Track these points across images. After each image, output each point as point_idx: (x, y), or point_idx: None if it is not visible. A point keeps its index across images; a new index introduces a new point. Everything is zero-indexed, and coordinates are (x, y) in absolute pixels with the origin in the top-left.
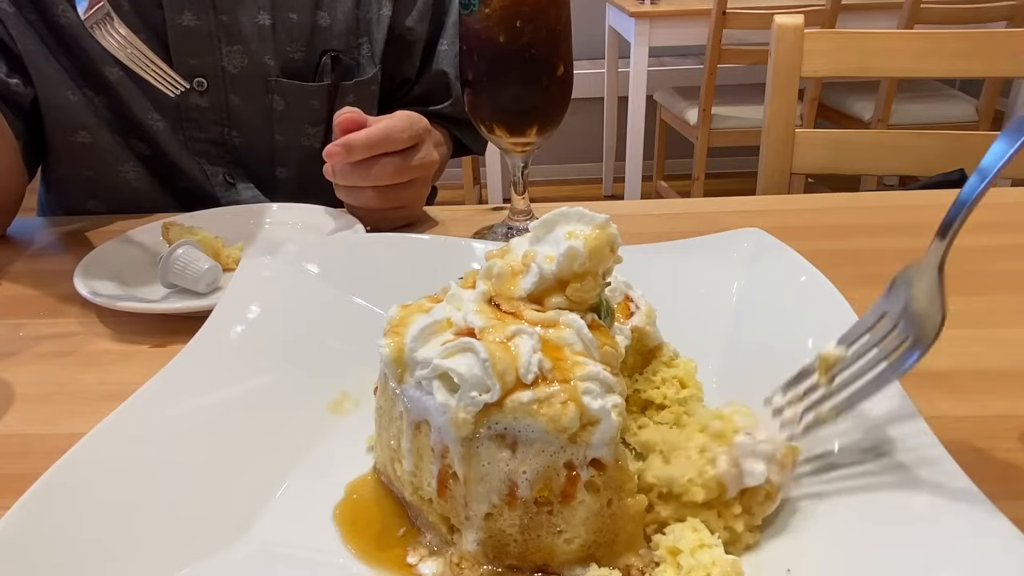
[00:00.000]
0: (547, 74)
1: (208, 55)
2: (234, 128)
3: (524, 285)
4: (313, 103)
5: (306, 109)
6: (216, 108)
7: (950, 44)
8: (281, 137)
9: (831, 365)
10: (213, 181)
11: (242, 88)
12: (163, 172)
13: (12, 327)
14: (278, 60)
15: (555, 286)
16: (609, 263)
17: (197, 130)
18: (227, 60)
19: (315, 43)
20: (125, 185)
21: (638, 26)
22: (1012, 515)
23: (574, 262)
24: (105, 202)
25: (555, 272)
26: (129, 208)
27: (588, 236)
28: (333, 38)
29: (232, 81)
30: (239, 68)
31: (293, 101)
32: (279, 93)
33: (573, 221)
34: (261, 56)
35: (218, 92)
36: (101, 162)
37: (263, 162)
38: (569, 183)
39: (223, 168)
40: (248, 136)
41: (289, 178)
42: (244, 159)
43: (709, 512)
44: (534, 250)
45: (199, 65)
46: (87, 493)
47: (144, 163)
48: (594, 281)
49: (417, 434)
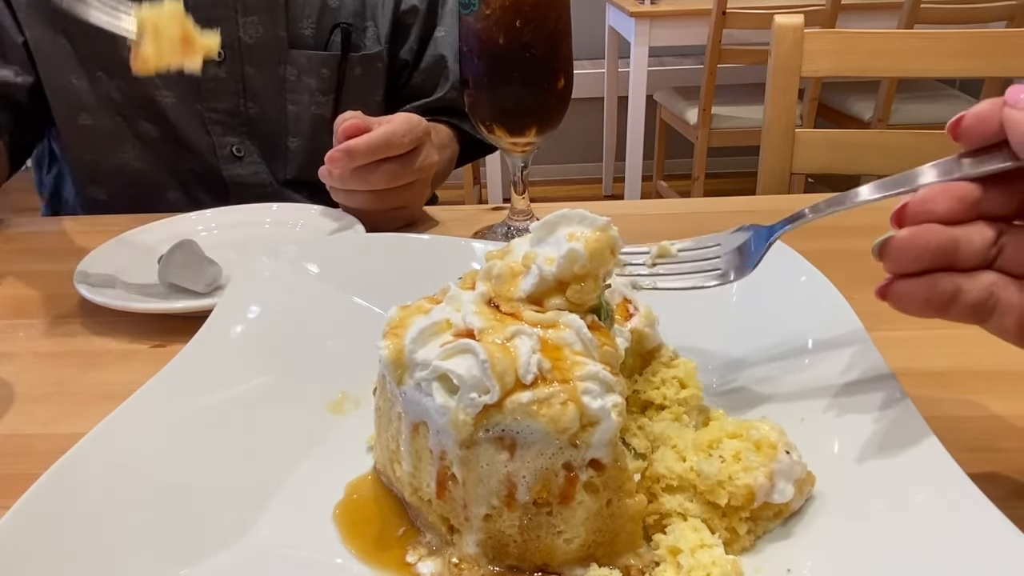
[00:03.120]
0: (547, 74)
1: (226, 25)
2: (249, 99)
3: (524, 286)
4: (323, 71)
5: (317, 78)
6: (232, 79)
7: (950, 44)
8: (294, 107)
9: (662, 255)
10: (220, 154)
11: (257, 59)
12: (167, 152)
13: (12, 327)
14: (290, 33)
15: (555, 287)
16: (610, 266)
17: (214, 100)
18: (243, 30)
19: (324, 20)
20: (126, 167)
21: (638, 26)
22: (1012, 515)
23: (574, 264)
24: (105, 187)
25: (555, 273)
26: (129, 192)
27: (589, 238)
28: (341, 19)
29: (247, 51)
30: (254, 39)
31: (305, 70)
32: (292, 63)
33: (574, 223)
34: (275, 28)
35: (234, 63)
36: (101, 144)
37: (276, 132)
38: (569, 183)
39: (236, 139)
40: (262, 106)
41: (300, 147)
42: (258, 129)
43: (714, 511)
44: (534, 251)
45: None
46: (87, 493)
47: (146, 144)
48: (594, 283)
49: (415, 435)
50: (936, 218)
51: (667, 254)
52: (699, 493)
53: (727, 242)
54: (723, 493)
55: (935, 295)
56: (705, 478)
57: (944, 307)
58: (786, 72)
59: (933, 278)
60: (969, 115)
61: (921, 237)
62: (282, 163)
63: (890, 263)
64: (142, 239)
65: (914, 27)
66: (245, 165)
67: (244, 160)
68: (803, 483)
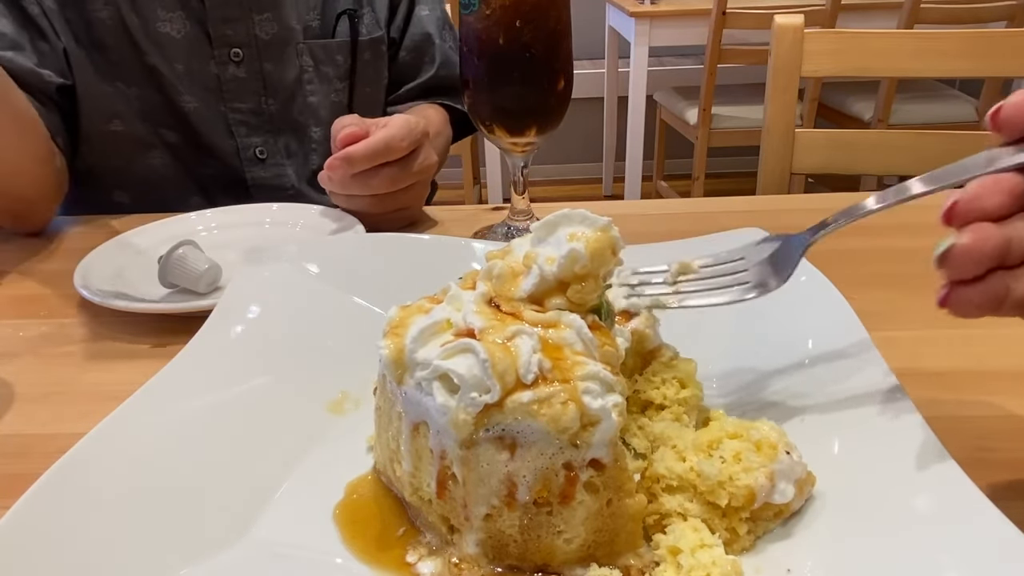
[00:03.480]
0: (547, 74)
1: (242, 24)
2: (270, 95)
3: (525, 286)
4: (337, 58)
5: (332, 65)
6: (252, 77)
7: (950, 44)
8: (313, 98)
9: (683, 272)
10: (243, 156)
11: (274, 54)
12: (191, 157)
13: (12, 327)
14: (301, 25)
15: (556, 287)
16: (611, 266)
17: (237, 101)
18: (259, 28)
19: (328, 10)
20: (152, 172)
21: (638, 26)
22: (1012, 515)
23: (575, 264)
24: (130, 192)
25: (556, 273)
26: (153, 197)
27: (590, 238)
28: (342, 6)
29: (265, 48)
30: (270, 35)
31: (321, 59)
32: (308, 54)
33: (575, 223)
34: (288, 21)
35: (253, 61)
36: (131, 150)
37: (299, 126)
38: (569, 183)
39: (259, 139)
40: (283, 102)
41: (323, 136)
42: (281, 125)
43: (714, 511)
44: (535, 251)
45: (234, 35)
46: (87, 493)
47: (172, 150)
48: (595, 283)
49: (416, 435)
50: (986, 215)
51: (689, 271)
52: (699, 493)
53: (752, 254)
54: (723, 494)
55: (988, 299)
56: (705, 479)
57: (996, 307)
58: (786, 72)
59: (987, 283)
60: (1008, 105)
61: (979, 243)
62: (304, 158)
63: (952, 272)
64: (142, 239)
65: (914, 27)
66: (268, 167)
67: (267, 162)
68: (803, 483)
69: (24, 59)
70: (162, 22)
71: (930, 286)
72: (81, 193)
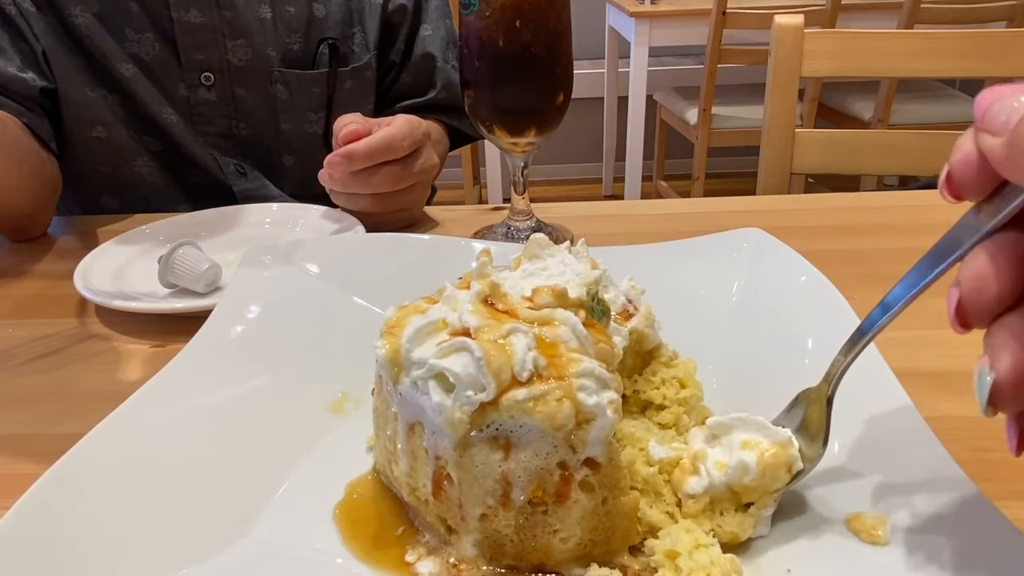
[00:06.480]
0: (547, 74)
1: (214, 50)
2: (241, 120)
3: (694, 486)
4: (314, 90)
5: (308, 96)
6: (223, 101)
7: (950, 44)
8: (286, 126)
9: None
10: (226, 171)
11: (247, 80)
12: (176, 166)
13: (12, 327)
14: (278, 51)
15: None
16: (782, 485)
17: (207, 124)
18: (232, 54)
19: (312, 33)
20: (139, 180)
21: (638, 26)
22: (1012, 515)
23: (745, 476)
24: (118, 198)
25: (725, 482)
26: (140, 205)
27: (765, 451)
28: (328, 28)
29: (237, 74)
30: (243, 61)
31: (295, 90)
32: (282, 83)
33: (751, 430)
34: (263, 48)
35: (224, 86)
36: (117, 157)
37: (270, 152)
38: (569, 183)
39: (234, 159)
40: (255, 127)
41: (295, 165)
42: (252, 150)
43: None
44: (705, 451)
45: (206, 60)
46: (87, 493)
47: (157, 158)
48: (767, 499)
49: (411, 436)
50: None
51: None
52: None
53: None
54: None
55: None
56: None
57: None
58: (786, 72)
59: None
60: (955, 166)
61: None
62: (278, 181)
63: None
64: (142, 239)
65: (914, 27)
66: (251, 180)
67: (249, 176)
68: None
69: (5, 63)
70: (130, 42)
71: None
72: (70, 196)
